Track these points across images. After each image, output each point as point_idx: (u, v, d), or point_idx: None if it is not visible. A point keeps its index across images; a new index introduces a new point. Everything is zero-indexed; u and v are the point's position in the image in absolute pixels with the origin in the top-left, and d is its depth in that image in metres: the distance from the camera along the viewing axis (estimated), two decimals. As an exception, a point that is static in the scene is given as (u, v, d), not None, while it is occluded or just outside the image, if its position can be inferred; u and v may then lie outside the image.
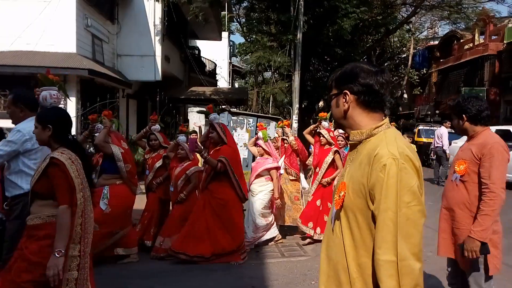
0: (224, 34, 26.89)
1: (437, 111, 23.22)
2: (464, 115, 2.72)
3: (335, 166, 5.64)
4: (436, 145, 10.87)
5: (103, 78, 10.62)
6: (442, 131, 10.75)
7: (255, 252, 5.48)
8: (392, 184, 1.30)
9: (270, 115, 13.61)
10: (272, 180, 5.54)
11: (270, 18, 14.36)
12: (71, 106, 9.80)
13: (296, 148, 6.16)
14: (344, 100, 1.48)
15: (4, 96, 9.72)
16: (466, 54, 22.89)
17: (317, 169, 5.73)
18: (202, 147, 4.79)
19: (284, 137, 6.43)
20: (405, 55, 28.35)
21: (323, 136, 5.73)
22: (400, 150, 1.34)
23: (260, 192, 5.51)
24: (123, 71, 12.92)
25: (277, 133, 7.09)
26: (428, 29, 29.12)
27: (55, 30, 10.11)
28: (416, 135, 15.50)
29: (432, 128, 16.63)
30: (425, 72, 27.74)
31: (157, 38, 13.24)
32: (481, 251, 2.54)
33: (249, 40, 17.09)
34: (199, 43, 22.50)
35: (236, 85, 36.57)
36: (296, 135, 6.68)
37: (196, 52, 19.95)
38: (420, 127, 17.86)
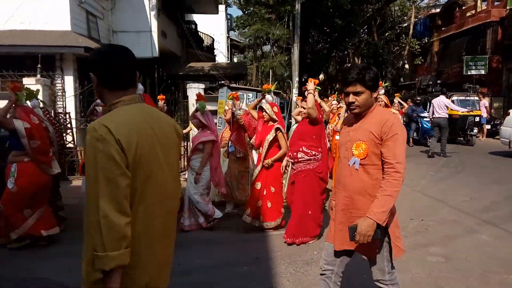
0: (221, 8, 26.35)
1: (439, 81, 22.95)
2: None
3: (279, 146, 5.01)
4: (437, 115, 10.45)
5: (100, 55, 10.47)
6: (445, 101, 10.53)
7: (257, 226, 5.54)
8: (88, 152, 1.46)
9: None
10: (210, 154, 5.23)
11: (268, -12, 14.04)
12: (69, 85, 9.72)
13: (242, 123, 5.58)
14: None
15: (1, 77, 9.61)
16: (468, 21, 22.44)
17: (260, 149, 5.11)
18: None
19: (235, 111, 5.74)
20: (406, 24, 27.82)
21: (266, 112, 5.05)
22: (103, 123, 1.47)
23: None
24: (119, 48, 12.75)
25: (227, 105, 6.36)
26: (430, -3, 28.47)
27: (49, 8, 9.91)
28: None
29: (468, 98, 14.63)
30: (426, 41, 27.29)
31: (153, 13, 12.97)
32: (375, 235, 2.21)
33: (246, 12, 16.76)
34: (196, 18, 22.07)
35: (235, 59, 36.13)
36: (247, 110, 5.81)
37: (193, 26, 19.60)
38: (455, 98, 15.08)
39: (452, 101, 14.66)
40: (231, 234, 5.11)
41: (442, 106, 10.40)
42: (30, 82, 8.71)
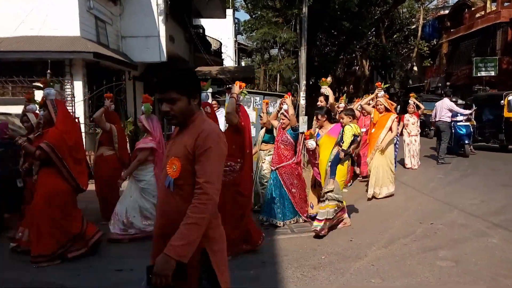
0: (229, 12, 26.47)
1: (448, 83, 22.76)
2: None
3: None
4: (438, 118, 9.99)
5: (109, 60, 10.57)
6: (449, 104, 9.95)
7: (265, 229, 5.53)
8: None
9: (277, 93, 13.47)
10: (153, 161, 5.04)
11: (275, -8, 14.06)
12: (78, 90, 9.82)
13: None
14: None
15: (12, 82, 9.76)
16: (478, 22, 22.24)
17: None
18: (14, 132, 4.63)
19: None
20: (414, 26, 27.65)
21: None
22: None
23: (146, 177, 5.06)
24: (128, 53, 12.85)
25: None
26: (438, -2, 28.28)
27: (58, 14, 10.03)
28: (506, 108, 11.72)
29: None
30: (435, 43, 27.10)
31: (161, 18, 13.06)
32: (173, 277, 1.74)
33: (254, 16, 16.81)
34: (204, 22, 22.18)
35: (243, 63, 36.22)
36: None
37: (201, 31, 19.69)
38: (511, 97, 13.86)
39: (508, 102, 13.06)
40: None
41: (443, 109, 9.95)
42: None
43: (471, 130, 10.60)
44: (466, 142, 10.46)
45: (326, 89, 6.04)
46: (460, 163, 9.83)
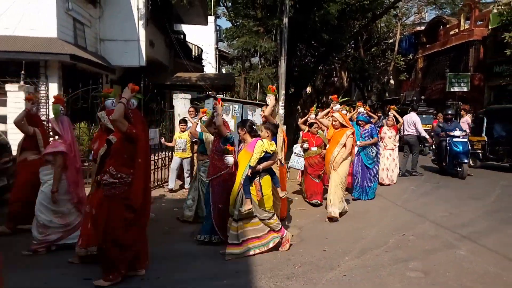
0: (211, 19, 26.50)
1: (422, 97, 23.39)
2: None
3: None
4: (406, 132, 10.06)
5: (86, 63, 10.41)
6: (414, 118, 10.07)
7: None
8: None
9: (257, 101, 13.55)
10: (64, 165, 4.69)
11: (256, 2, 14.18)
12: (53, 92, 9.61)
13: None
14: None
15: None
16: (452, 39, 23.02)
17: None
18: None
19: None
20: (391, 40, 28.36)
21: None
22: None
23: (46, 182, 4.68)
24: (106, 56, 12.68)
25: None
26: (415, 15, 29.13)
27: (35, 14, 9.84)
28: None
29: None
30: (411, 57, 27.85)
31: (141, 22, 12.98)
32: None
33: (235, 24, 16.89)
34: (185, 28, 22.15)
35: (224, 70, 36.26)
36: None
37: (182, 37, 19.65)
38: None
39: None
40: (211, 247, 5.06)
41: (411, 123, 10.02)
42: (13, 89, 8.60)
43: (469, 147, 9.67)
44: (465, 161, 9.36)
45: (269, 98, 5.59)
46: (432, 175, 10.10)
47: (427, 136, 10.30)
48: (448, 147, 9.54)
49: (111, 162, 3.82)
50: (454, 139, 9.45)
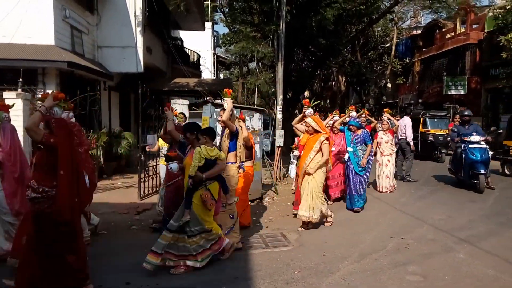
0: (208, 25, 26.63)
1: (420, 100, 23.50)
2: None
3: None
4: (399, 137, 9.94)
5: (83, 70, 10.42)
6: (406, 122, 9.96)
7: (240, 242, 5.51)
8: None
9: (254, 107, 13.57)
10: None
11: (253, 8, 14.24)
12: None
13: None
14: None
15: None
16: (448, 43, 23.17)
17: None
18: None
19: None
20: (388, 44, 28.53)
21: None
22: None
23: None
24: (104, 63, 12.70)
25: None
26: (411, 19, 29.31)
27: (32, 22, 9.86)
28: None
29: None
30: (408, 61, 28.00)
31: (138, 29, 13.02)
32: None
33: (232, 30, 16.96)
34: (182, 34, 22.22)
35: (221, 76, 36.36)
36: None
37: (179, 43, 19.71)
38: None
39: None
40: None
41: (403, 127, 9.92)
42: (10, 96, 8.58)
43: (489, 155, 8.22)
44: (482, 171, 7.95)
45: (225, 102, 5.29)
46: (430, 179, 10.11)
47: (411, 143, 9.86)
48: (463, 155, 8.23)
49: (34, 175, 3.58)
50: (471, 146, 8.16)
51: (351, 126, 7.39)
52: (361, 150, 7.24)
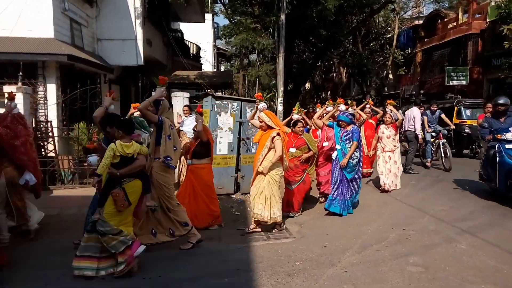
0: (208, 16, 26.46)
1: (421, 91, 23.39)
2: None
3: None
4: (406, 128, 9.77)
5: (83, 63, 10.38)
6: (415, 113, 9.75)
7: (241, 235, 5.53)
8: None
9: (255, 99, 13.53)
10: None
11: (253, -1, 14.16)
12: (51, 93, 9.59)
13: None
14: None
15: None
16: (450, 33, 22.98)
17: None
18: None
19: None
20: (390, 35, 28.30)
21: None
22: None
23: None
24: (104, 56, 12.65)
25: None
26: (413, 9, 29.04)
27: (32, 15, 9.80)
28: None
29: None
30: (410, 52, 27.82)
31: (138, 21, 12.94)
32: None
33: (233, 22, 16.84)
34: (182, 26, 22.09)
35: (222, 68, 36.22)
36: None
37: (179, 35, 19.60)
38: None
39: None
40: (212, 245, 5.08)
41: (411, 118, 9.71)
42: (10, 90, 8.57)
43: None
44: None
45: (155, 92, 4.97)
46: (432, 169, 10.09)
47: (420, 135, 9.64)
48: (498, 159, 6.17)
49: None
50: (508, 146, 6.10)
51: (340, 122, 6.50)
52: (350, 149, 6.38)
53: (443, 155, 9.76)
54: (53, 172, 8.24)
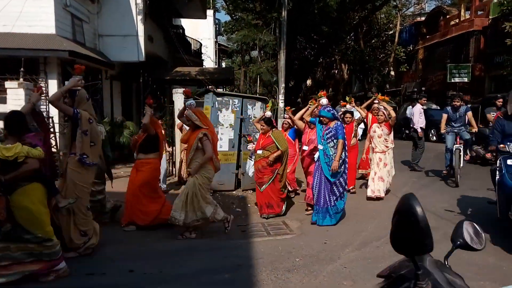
0: (210, 13, 26.38)
1: (423, 88, 23.34)
2: None
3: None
4: (412, 125, 9.80)
5: (85, 59, 10.36)
6: (415, 109, 9.65)
7: (241, 231, 5.56)
8: None
9: (256, 95, 13.53)
10: None
11: (255, -5, 14.14)
12: (53, 89, 9.60)
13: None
14: None
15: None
16: (452, 30, 22.90)
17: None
18: None
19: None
20: (392, 32, 28.22)
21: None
22: None
23: None
24: (105, 52, 12.64)
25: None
26: (415, 5, 28.96)
27: (33, 11, 9.79)
28: None
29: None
30: (411, 49, 27.76)
31: (139, 17, 12.91)
32: None
33: (234, 18, 16.83)
34: (184, 22, 22.04)
35: (223, 64, 36.16)
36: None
37: (181, 31, 19.57)
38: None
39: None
40: (212, 241, 5.10)
41: (410, 114, 9.69)
42: (12, 86, 8.60)
43: None
44: None
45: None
46: (433, 168, 10.08)
47: (419, 130, 9.26)
48: (497, 177, 4.83)
49: None
50: (509, 162, 4.71)
51: (321, 118, 5.68)
52: (333, 148, 5.58)
53: (453, 163, 7.83)
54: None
